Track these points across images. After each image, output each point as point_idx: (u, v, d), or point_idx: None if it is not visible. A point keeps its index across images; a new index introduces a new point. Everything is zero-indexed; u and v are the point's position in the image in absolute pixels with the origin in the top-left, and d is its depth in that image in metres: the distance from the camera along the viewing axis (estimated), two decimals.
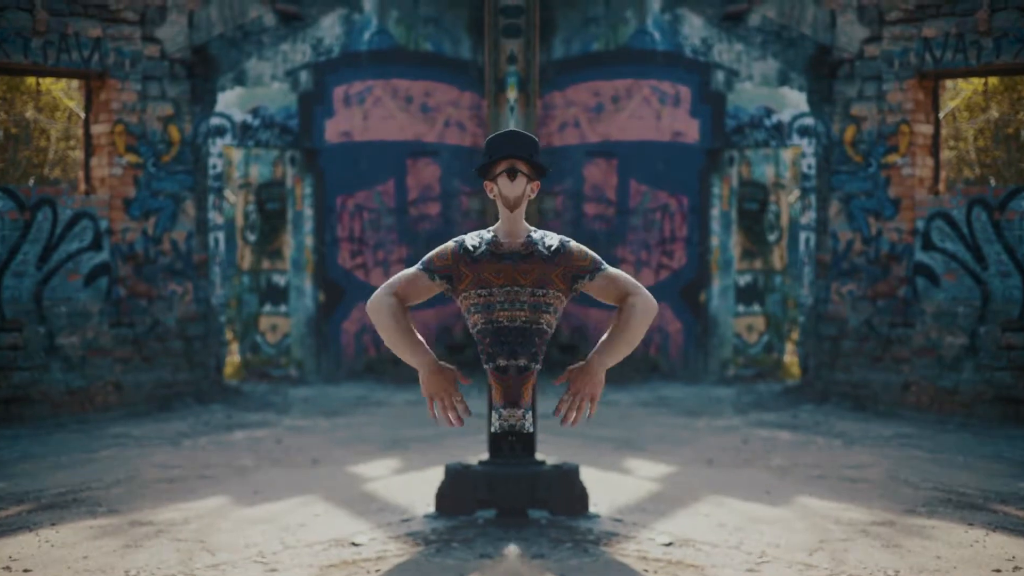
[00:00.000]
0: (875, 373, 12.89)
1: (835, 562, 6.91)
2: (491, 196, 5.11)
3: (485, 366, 5.09)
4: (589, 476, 8.52)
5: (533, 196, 5.19)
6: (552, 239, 5.14)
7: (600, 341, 5.05)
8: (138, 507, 8.24)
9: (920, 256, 12.60)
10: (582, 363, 5.04)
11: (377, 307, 5.08)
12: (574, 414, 4.98)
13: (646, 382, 14.96)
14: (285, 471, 9.66)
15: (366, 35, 15.35)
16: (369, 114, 15.46)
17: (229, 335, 14.52)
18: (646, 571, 6.82)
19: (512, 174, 5.01)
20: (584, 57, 15.77)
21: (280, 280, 15.12)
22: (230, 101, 14.37)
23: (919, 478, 9.23)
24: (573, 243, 5.15)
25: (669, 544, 7.39)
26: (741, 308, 15.12)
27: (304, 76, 14.98)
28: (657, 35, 15.29)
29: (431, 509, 8.17)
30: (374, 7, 15.28)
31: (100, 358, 12.35)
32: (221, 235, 14.05)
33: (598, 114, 15.71)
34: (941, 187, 12.80)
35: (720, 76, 14.89)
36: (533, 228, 5.20)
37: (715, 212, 15.08)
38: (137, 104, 12.68)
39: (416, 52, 15.60)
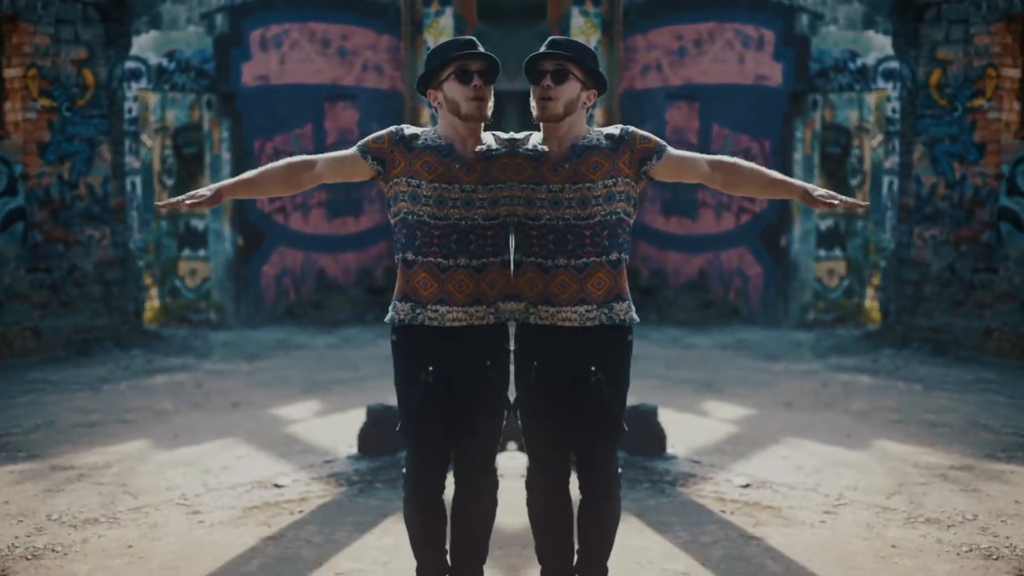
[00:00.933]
0: (957, 318, 12.69)
1: (913, 505, 6.97)
2: (534, 101, 4.85)
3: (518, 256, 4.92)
4: (667, 417, 8.51)
5: (591, 104, 4.99)
6: (610, 129, 4.96)
7: (773, 177, 4.89)
8: (58, 452, 8.24)
9: (1005, 201, 12.38)
10: (803, 191, 4.84)
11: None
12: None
13: (726, 325, 15.00)
14: (206, 414, 9.67)
15: None
16: (286, 57, 15.37)
17: (148, 280, 14.44)
18: (723, 512, 6.91)
19: (560, 75, 4.80)
20: (668, 0, 15.57)
21: (199, 224, 15.04)
22: (145, 45, 14.23)
23: (999, 423, 9.22)
24: (633, 128, 4.95)
25: (746, 485, 7.46)
26: (822, 252, 15.10)
27: (220, 19, 14.86)
28: None
29: (354, 450, 8.23)
30: None
31: (17, 304, 12.23)
32: (138, 179, 13.96)
33: (680, 57, 15.57)
34: None
35: (804, 19, 14.82)
36: (588, 130, 4.94)
37: (797, 156, 15.02)
38: (50, 48, 12.50)
39: None
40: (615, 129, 4.94)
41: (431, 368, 4.83)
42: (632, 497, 7.09)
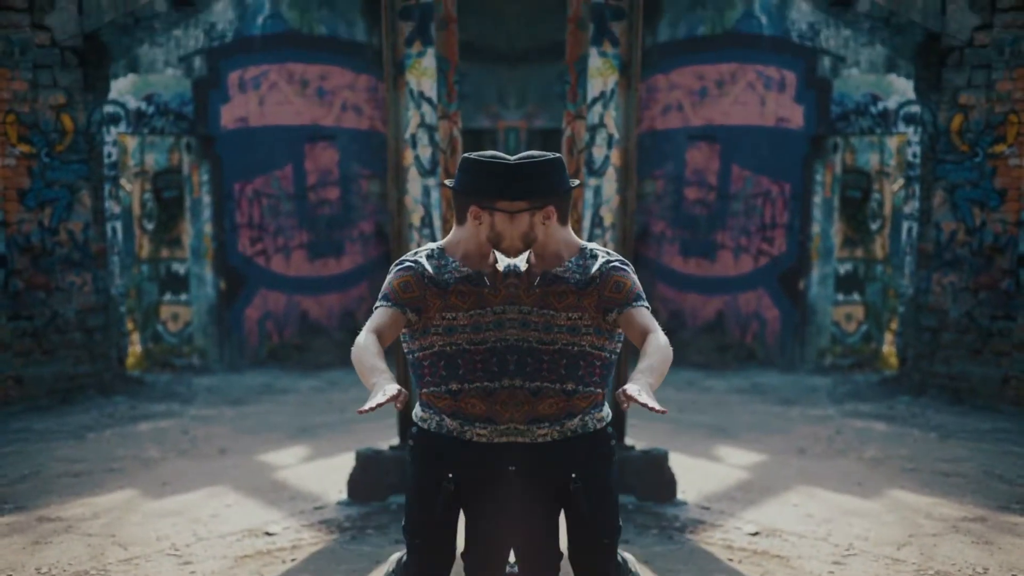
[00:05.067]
0: (975, 366, 12.45)
1: (923, 557, 6.88)
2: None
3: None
4: (679, 462, 8.46)
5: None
6: (597, 256, 4.60)
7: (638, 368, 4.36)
8: (45, 503, 8.14)
9: None
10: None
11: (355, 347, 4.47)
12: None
13: (741, 369, 14.82)
14: (193, 462, 9.57)
15: (259, 19, 15.20)
16: (265, 99, 15.32)
17: (130, 325, 14.33)
18: (731, 560, 6.84)
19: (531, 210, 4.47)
20: (690, 40, 15.47)
21: (180, 268, 14.95)
22: (123, 88, 14.15)
23: (1015, 474, 9.06)
24: (617, 270, 4.58)
25: (755, 534, 7.41)
26: (840, 297, 14.90)
27: (198, 62, 14.80)
28: (764, 19, 15.08)
29: (343, 496, 8.16)
30: None
31: None
32: (119, 224, 13.85)
33: (702, 98, 15.43)
34: None
35: (826, 62, 14.66)
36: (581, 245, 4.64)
37: (817, 199, 14.83)
38: (28, 93, 12.41)
39: (310, 36, 15.47)
40: (599, 260, 4.62)
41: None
42: (640, 544, 7.05)
